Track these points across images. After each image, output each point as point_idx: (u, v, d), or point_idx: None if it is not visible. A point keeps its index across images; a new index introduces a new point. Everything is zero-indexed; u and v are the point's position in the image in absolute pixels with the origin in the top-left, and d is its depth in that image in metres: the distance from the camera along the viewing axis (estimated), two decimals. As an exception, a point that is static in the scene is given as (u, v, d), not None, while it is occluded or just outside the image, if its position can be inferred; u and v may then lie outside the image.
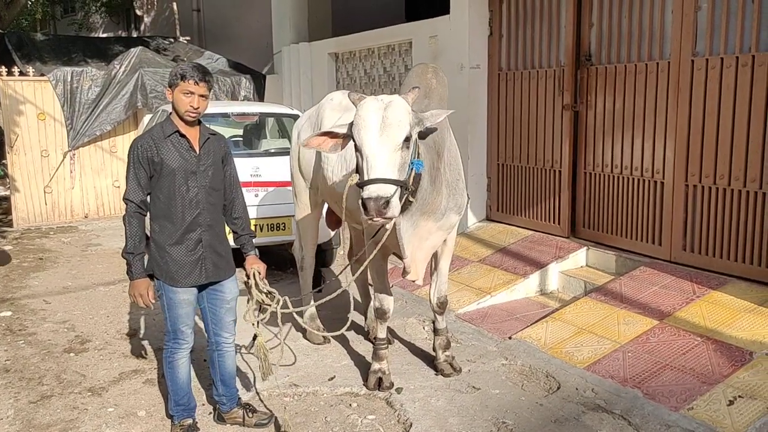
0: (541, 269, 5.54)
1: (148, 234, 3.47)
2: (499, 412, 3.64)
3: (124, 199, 3.18)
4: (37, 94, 8.95)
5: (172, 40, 12.52)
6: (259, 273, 3.39)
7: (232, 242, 3.47)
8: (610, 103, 5.49)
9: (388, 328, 4.96)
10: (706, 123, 4.75)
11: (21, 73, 8.97)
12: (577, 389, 3.86)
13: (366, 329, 4.83)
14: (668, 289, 4.67)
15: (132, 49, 9.68)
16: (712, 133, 4.71)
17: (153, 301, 3.22)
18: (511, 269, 5.66)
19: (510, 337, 4.60)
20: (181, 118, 3.17)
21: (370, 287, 4.50)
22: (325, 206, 4.85)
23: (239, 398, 3.60)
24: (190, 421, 3.40)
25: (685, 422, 3.39)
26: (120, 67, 9.37)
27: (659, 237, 5.15)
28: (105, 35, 17.34)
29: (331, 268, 6.62)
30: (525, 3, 6.28)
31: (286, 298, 3.43)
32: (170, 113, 3.23)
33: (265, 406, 3.70)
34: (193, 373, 3.55)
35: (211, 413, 3.64)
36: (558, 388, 3.90)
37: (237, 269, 3.47)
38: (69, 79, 9.04)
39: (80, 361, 4.40)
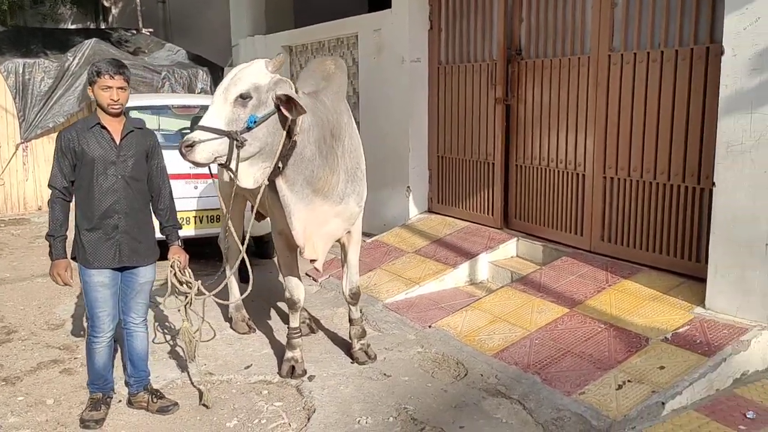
0: (470, 259, 5.65)
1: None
2: (403, 399, 3.74)
3: (49, 185, 3.43)
4: (-12, 86, 8.94)
5: (134, 31, 12.47)
6: (180, 263, 3.57)
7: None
8: (538, 97, 5.60)
9: (315, 318, 5.08)
10: (621, 117, 4.87)
11: (-27, 66, 8.95)
12: (482, 375, 3.97)
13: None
14: (584, 278, 4.80)
15: (86, 41, 9.67)
16: (627, 126, 4.83)
17: (72, 281, 3.42)
18: (443, 259, 5.77)
19: (430, 326, 4.71)
20: (106, 112, 3.37)
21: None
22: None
23: (149, 383, 3.71)
24: (99, 395, 3.58)
25: (574, 406, 3.50)
26: (74, 60, 9.37)
27: (581, 228, 5.27)
28: (74, 27, 17.18)
29: (274, 260, 6.69)
30: (462, -3, 6.37)
31: (199, 283, 3.58)
32: (96, 108, 3.44)
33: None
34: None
35: (120, 401, 3.72)
36: (465, 374, 4.02)
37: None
38: (21, 71, 9.04)
39: (1, 352, 4.46)
